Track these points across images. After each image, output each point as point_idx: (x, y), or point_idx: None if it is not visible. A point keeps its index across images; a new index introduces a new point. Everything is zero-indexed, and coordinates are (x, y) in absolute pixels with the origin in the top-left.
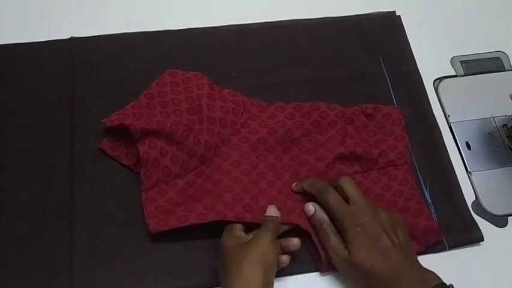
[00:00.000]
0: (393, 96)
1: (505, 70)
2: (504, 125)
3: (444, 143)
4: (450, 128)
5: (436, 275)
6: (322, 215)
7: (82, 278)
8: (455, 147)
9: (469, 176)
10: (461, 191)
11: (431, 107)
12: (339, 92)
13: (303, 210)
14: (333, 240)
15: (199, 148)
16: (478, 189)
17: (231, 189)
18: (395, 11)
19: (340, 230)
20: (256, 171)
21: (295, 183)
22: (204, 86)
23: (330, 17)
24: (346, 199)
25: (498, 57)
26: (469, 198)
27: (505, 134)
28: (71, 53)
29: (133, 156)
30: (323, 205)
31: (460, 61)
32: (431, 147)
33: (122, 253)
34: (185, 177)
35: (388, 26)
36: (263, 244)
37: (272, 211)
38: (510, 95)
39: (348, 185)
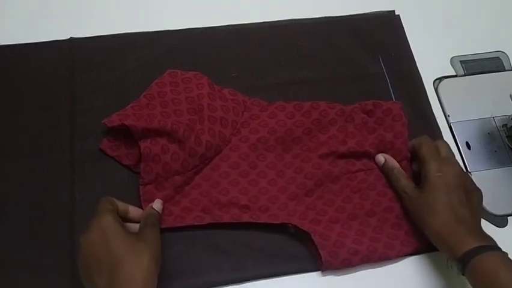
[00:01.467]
0: (392, 96)
1: (505, 70)
2: (504, 125)
3: None
4: (450, 128)
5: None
6: (393, 163)
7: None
8: (455, 147)
9: None
10: None
11: (430, 106)
12: (339, 92)
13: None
14: (404, 181)
15: (200, 148)
16: None
17: (227, 192)
18: (394, 11)
19: (423, 167)
20: (256, 171)
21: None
22: (204, 86)
23: (329, 16)
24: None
25: (498, 57)
26: None
27: (505, 134)
28: (71, 53)
29: (134, 156)
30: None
31: (460, 61)
32: None
33: None
34: (184, 175)
35: (387, 25)
36: (159, 244)
37: (157, 205)
38: (510, 95)
39: (445, 146)
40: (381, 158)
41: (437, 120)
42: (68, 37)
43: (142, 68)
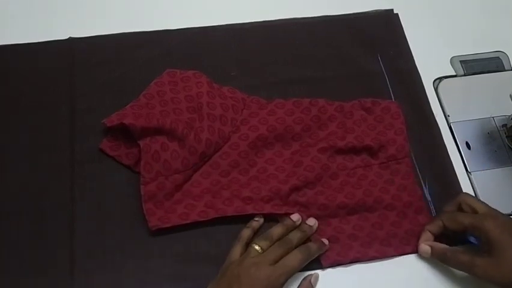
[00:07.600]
0: (392, 95)
1: (504, 70)
2: (504, 125)
3: (443, 142)
4: (450, 127)
5: None
6: (440, 246)
7: (82, 278)
8: (455, 147)
9: (468, 176)
10: (461, 188)
11: (430, 106)
12: (338, 91)
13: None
14: (465, 257)
15: (200, 145)
16: (477, 189)
17: (229, 187)
18: (392, 9)
19: (484, 241)
20: (256, 168)
21: (430, 224)
22: (203, 84)
23: (328, 15)
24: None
25: (498, 57)
26: None
27: (505, 134)
28: (70, 53)
29: (133, 155)
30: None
31: (460, 61)
32: (431, 145)
33: (123, 253)
34: (185, 173)
35: (386, 24)
36: None
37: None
38: (510, 95)
39: (470, 198)
40: (425, 248)
41: (437, 120)
42: (67, 37)
43: (142, 67)
